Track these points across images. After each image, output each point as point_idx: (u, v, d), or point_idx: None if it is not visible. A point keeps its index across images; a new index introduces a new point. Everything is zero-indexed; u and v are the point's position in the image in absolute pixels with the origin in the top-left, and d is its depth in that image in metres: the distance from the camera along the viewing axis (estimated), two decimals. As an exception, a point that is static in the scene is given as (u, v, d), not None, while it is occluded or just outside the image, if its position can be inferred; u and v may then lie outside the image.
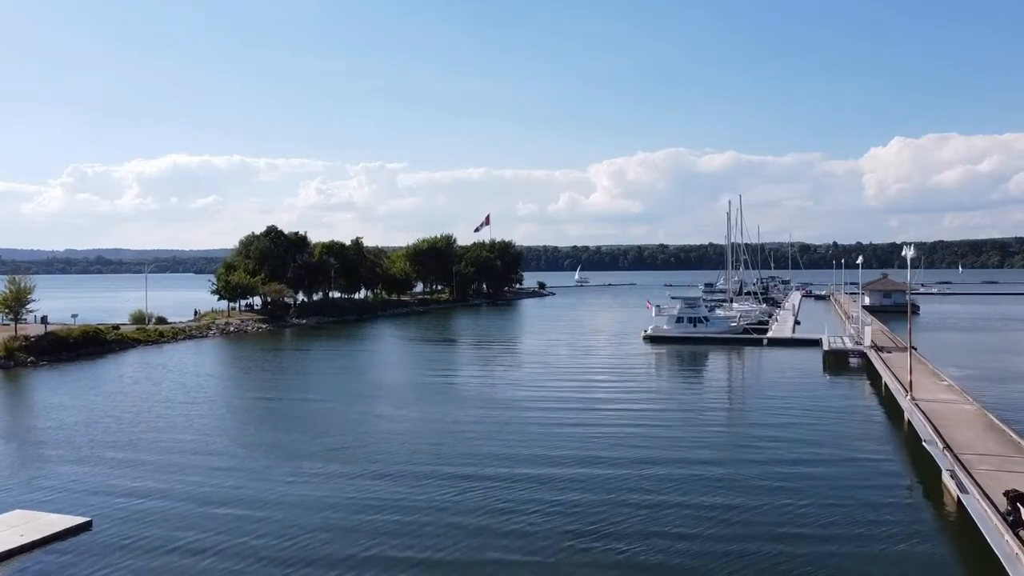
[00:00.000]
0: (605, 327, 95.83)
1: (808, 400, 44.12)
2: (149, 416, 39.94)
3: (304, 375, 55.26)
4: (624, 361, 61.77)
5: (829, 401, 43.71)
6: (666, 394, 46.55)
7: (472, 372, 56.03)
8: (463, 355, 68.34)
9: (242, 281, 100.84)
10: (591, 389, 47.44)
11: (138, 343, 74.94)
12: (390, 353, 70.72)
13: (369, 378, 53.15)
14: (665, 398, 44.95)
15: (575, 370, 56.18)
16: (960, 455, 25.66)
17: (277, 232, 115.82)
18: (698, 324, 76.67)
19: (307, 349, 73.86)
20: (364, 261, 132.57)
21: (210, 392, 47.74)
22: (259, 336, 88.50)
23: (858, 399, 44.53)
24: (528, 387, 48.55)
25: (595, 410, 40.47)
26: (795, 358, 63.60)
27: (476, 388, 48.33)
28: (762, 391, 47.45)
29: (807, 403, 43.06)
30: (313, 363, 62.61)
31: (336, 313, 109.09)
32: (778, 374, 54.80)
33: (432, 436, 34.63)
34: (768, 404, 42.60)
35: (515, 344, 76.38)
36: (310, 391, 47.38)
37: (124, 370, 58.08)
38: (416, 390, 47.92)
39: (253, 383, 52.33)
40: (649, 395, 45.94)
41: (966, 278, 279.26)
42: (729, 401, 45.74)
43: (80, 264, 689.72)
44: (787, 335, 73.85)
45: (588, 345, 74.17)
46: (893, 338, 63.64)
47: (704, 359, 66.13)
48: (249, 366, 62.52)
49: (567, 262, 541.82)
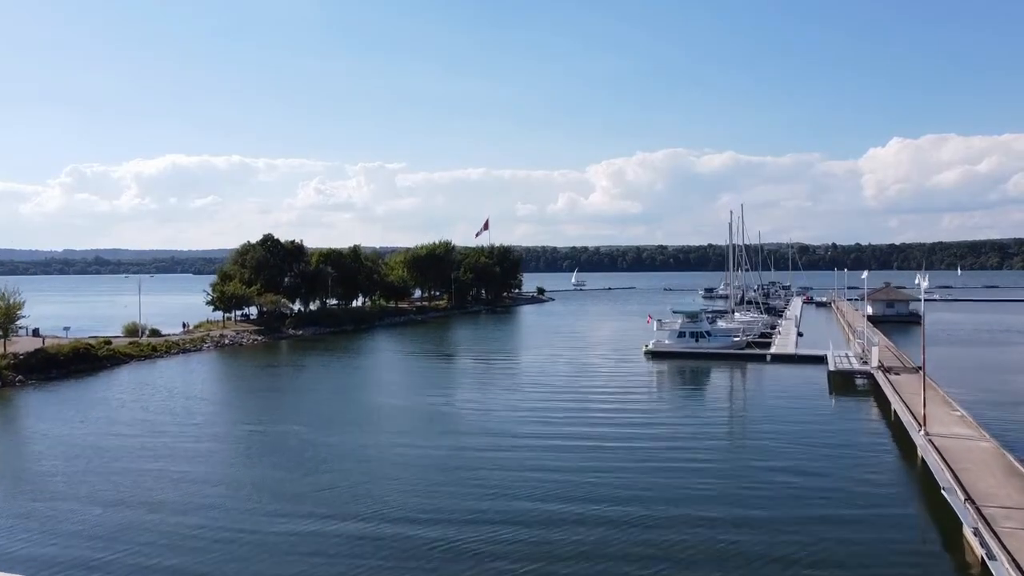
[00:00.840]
0: (605, 340, 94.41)
1: (813, 427, 42.88)
2: (131, 448, 38.38)
3: (297, 398, 53.88)
4: (625, 382, 60.13)
5: (836, 429, 42.42)
6: (667, 424, 45.03)
7: (469, 395, 54.35)
8: (460, 375, 66.88)
9: (238, 291, 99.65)
10: (591, 420, 45.57)
11: (131, 358, 73.55)
12: (385, 372, 69.25)
13: (363, 403, 51.54)
14: (666, 429, 43.38)
15: (575, 394, 54.47)
16: (983, 507, 24.38)
17: (273, 241, 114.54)
18: (700, 339, 75.37)
19: (302, 366, 72.44)
20: (362, 269, 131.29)
21: (198, 419, 46.28)
22: (254, 349, 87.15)
23: (866, 427, 43.21)
24: (526, 414, 46.98)
25: (594, 449, 38.42)
26: (799, 377, 62.35)
27: (473, 415, 46.84)
28: (766, 416, 46.04)
29: (812, 431, 41.83)
30: (307, 383, 61.25)
31: (333, 323, 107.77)
32: (782, 396, 53.50)
33: (425, 476, 33.18)
34: (772, 432, 41.27)
35: (513, 361, 74.80)
36: (301, 418, 45.87)
37: (113, 391, 56.66)
38: (410, 417, 46.44)
39: (243, 409, 50.79)
40: (649, 426, 44.32)
41: (965, 280, 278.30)
42: (730, 429, 44.31)
43: (78, 265, 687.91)
44: (791, 351, 72.52)
45: (588, 363, 72.50)
46: (900, 356, 62.34)
47: (706, 377, 64.92)
48: (241, 387, 61.16)
49: (566, 263, 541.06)
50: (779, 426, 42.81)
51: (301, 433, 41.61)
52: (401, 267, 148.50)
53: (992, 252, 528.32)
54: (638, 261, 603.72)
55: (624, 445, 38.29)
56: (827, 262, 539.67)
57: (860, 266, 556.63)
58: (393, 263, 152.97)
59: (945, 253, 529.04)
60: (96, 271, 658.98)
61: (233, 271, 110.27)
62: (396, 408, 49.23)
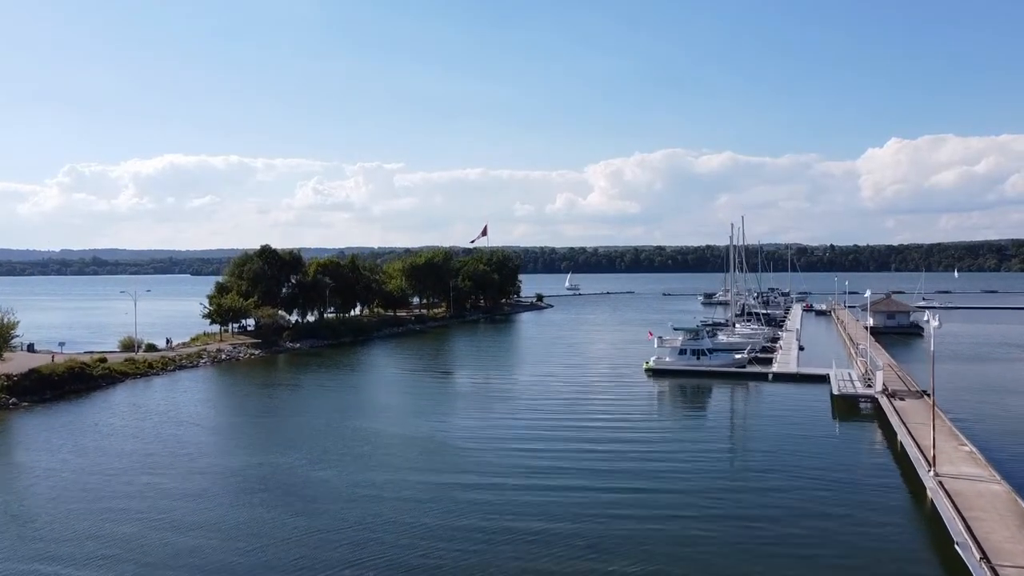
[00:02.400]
0: (604, 355, 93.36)
1: (816, 457, 42.38)
2: (118, 487, 37.27)
3: (290, 424, 52.84)
4: (626, 405, 59.05)
5: (839, 462, 41.72)
6: (667, 450, 44.44)
7: (465, 421, 53.21)
8: (456, 397, 65.41)
9: (234, 304, 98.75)
10: (591, 453, 44.66)
11: (126, 377, 72.71)
12: (381, 393, 68.07)
13: (357, 431, 50.16)
14: (666, 455, 42.81)
15: (575, 421, 53.43)
16: (999, 567, 23.72)
17: (271, 252, 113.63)
18: (702, 357, 74.67)
19: (297, 385, 71.43)
20: (360, 278, 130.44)
21: (189, 449, 45.23)
22: (251, 365, 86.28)
23: (872, 460, 42.43)
24: (524, 442, 46.23)
25: (592, 485, 37.92)
26: (801, 397, 61.71)
27: (470, 446, 45.91)
28: (767, 446, 45.25)
29: (815, 461, 41.38)
30: (302, 406, 60.31)
31: (331, 335, 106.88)
32: (784, 421, 52.80)
33: (418, 520, 32.32)
34: (773, 466, 40.62)
35: (511, 381, 73.60)
36: (294, 449, 44.92)
37: (106, 415, 55.67)
38: (405, 448, 45.42)
39: (235, 438, 49.20)
40: (650, 453, 43.64)
41: (964, 282, 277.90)
42: (730, 463, 43.26)
43: (76, 265, 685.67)
44: (792, 369, 71.82)
45: (588, 382, 71.41)
46: (905, 378, 61.63)
47: (707, 398, 64.32)
48: (234, 410, 59.91)
49: (564, 264, 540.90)
50: (780, 458, 42.08)
51: (293, 468, 40.70)
52: (399, 276, 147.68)
53: (990, 254, 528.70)
54: (636, 262, 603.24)
55: (621, 490, 36.98)
56: (825, 263, 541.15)
57: (858, 267, 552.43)
58: (391, 271, 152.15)
59: (943, 255, 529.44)
60: (94, 271, 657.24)
61: (230, 283, 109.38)
62: (391, 437, 48.11)
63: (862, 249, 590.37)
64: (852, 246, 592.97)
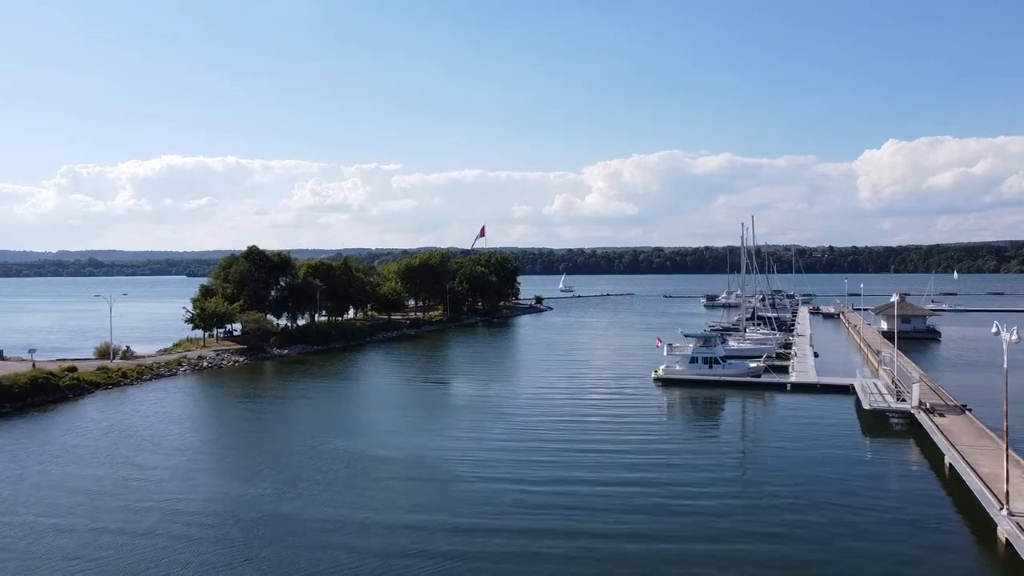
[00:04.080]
0: (609, 362, 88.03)
1: (852, 482, 37.84)
2: (68, 529, 32.28)
3: (269, 446, 47.78)
4: (634, 422, 53.72)
5: (878, 485, 37.56)
6: (679, 473, 39.82)
7: (457, 439, 48.20)
8: (451, 411, 59.82)
9: (219, 308, 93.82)
10: (596, 479, 40.12)
11: (97, 387, 67.72)
12: (371, 407, 62.83)
13: (341, 453, 45.10)
14: (678, 482, 38.10)
15: (578, 439, 48.74)
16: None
17: (258, 253, 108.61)
18: (714, 365, 69.84)
19: (282, 397, 66.14)
20: (353, 281, 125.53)
21: (143, 477, 40.07)
22: (234, 373, 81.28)
23: (919, 488, 37.60)
24: (521, 470, 41.04)
25: (601, 529, 33.26)
26: (824, 411, 57.12)
27: (459, 471, 40.97)
28: (793, 472, 40.44)
29: (850, 486, 36.92)
30: (284, 423, 55.18)
31: (321, 340, 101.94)
32: (809, 439, 48.06)
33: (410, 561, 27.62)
34: (801, 493, 36.08)
35: (510, 391, 68.45)
36: (270, 477, 40.01)
37: (60, 434, 50.38)
38: (388, 473, 40.43)
39: (206, 464, 43.40)
40: (661, 477, 38.95)
41: (965, 284, 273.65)
42: (756, 480, 38.35)
43: (72, 267, 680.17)
44: (812, 379, 66.99)
45: (592, 393, 66.33)
46: (937, 389, 56.89)
47: (722, 411, 59.72)
48: (205, 425, 54.75)
49: (562, 265, 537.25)
50: (809, 486, 37.28)
51: (257, 500, 35.66)
52: (395, 278, 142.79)
53: (989, 255, 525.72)
54: (635, 263, 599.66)
55: (630, 521, 32.59)
56: (824, 265, 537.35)
57: (857, 268, 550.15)
58: (386, 273, 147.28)
59: (942, 256, 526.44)
60: (90, 273, 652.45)
61: (216, 286, 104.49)
62: (373, 461, 42.85)
63: (861, 250, 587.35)
64: (851, 247, 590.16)
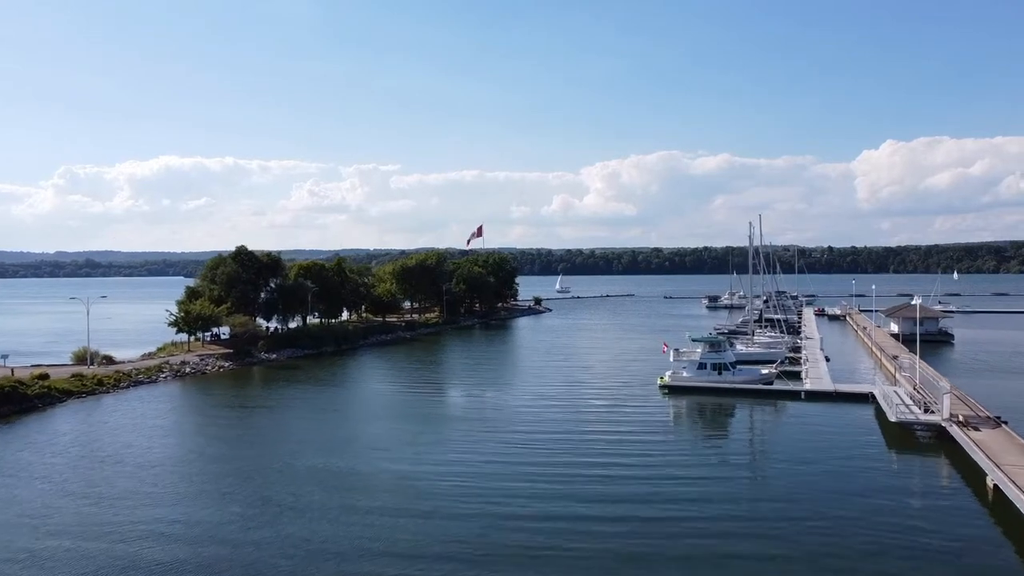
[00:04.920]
0: (611, 368, 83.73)
1: (881, 502, 34.37)
2: (15, 565, 28.66)
3: (240, 456, 44.12)
4: (639, 438, 49.17)
5: (911, 509, 34.06)
6: (689, 489, 36.12)
7: (448, 456, 44.18)
8: (442, 421, 55.80)
9: (204, 311, 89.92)
10: (600, 505, 36.49)
11: (70, 396, 63.86)
12: (355, 416, 58.88)
13: (316, 469, 41.46)
14: (688, 498, 34.38)
15: (580, 455, 44.89)
16: None
17: (247, 254, 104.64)
18: (724, 372, 66.07)
19: (266, 407, 62.00)
20: (346, 282, 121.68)
21: (98, 497, 36.27)
22: (219, 379, 77.43)
23: (955, 507, 34.17)
24: (518, 500, 37.00)
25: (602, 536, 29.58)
26: (843, 421, 53.63)
27: (448, 495, 37.20)
28: (814, 485, 37.16)
29: (881, 508, 33.51)
30: (265, 436, 51.31)
31: (311, 345, 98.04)
32: (829, 452, 44.53)
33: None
34: (826, 514, 32.53)
35: (505, 401, 64.28)
36: (230, 497, 36.37)
37: (28, 450, 46.41)
38: (369, 496, 36.54)
39: (162, 481, 39.55)
40: (668, 495, 35.20)
41: (965, 283, 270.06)
42: (778, 498, 34.48)
43: (68, 267, 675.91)
44: (828, 387, 63.22)
45: (594, 402, 62.11)
46: (966, 399, 53.08)
47: (732, 418, 56.46)
48: (177, 438, 50.47)
49: (561, 266, 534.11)
50: (836, 509, 33.55)
51: (221, 528, 31.95)
52: (390, 279, 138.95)
53: (989, 255, 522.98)
54: (633, 264, 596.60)
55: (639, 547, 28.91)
56: (824, 265, 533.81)
57: (856, 269, 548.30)
58: (381, 274, 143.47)
59: (941, 256, 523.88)
60: (87, 274, 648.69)
61: (202, 287, 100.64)
62: (353, 481, 38.97)
63: (860, 251, 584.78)
64: (850, 247, 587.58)
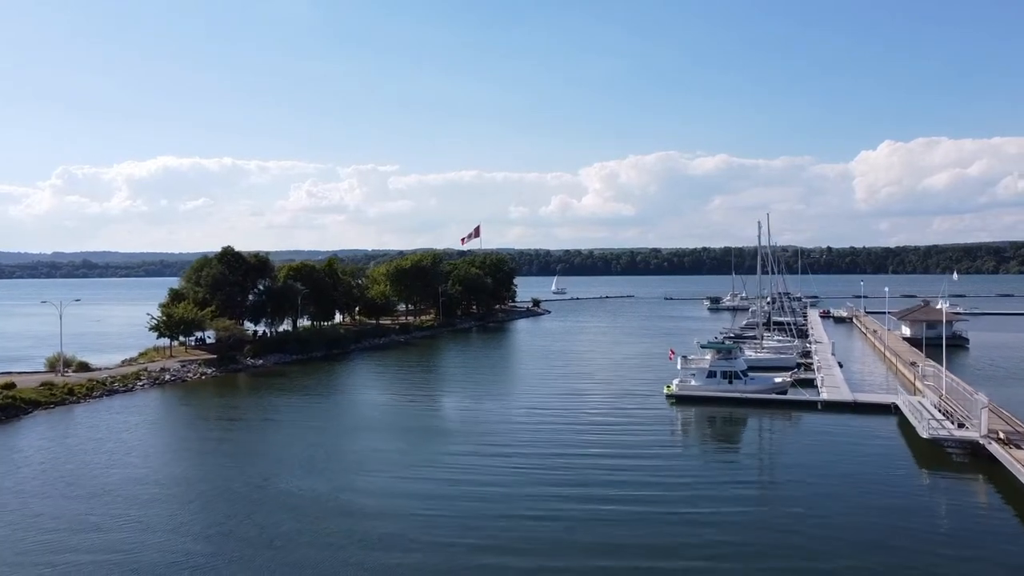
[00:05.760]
0: (614, 375, 79.42)
1: (917, 529, 30.57)
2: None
3: (204, 479, 39.94)
4: (645, 453, 45.46)
5: (955, 538, 30.02)
6: (701, 509, 31.97)
7: (441, 476, 40.36)
8: (433, 436, 51.73)
9: (187, 315, 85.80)
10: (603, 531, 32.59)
11: (37, 406, 59.74)
12: (338, 429, 54.64)
13: (286, 495, 37.45)
14: (701, 522, 30.26)
15: (582, 475, 41.06)
16: None
17: (234, 255, 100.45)
18: (735, 380, 62.11)
19: (238, 419, 57.83)
20: (338, 284, 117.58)
21: (43, 535, 32.11)
22: (200, 387, 73.29)
23: (1006, 534, 30.31)
24: (513, 533, 33.37)
25: None
26: (865, 434, 49.95)
27: (439, 530, 33.36)
28: (843, 511, 33.27)
29: (917, 535, 30.03)
30: (230, 450, 47.32)
31: (300, 349, 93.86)
32: (854, 471, 40.84)
33: None
34: (862, 551, 28.47)
35: (501, 413, 60.31)
36: (183, 529, 32.38)
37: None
38: (344, 534, 32.69)
39: (107, 511, 35.57)
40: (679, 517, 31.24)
41: (966, 284, 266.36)
42: (806, 526, 30.31)
43: (65, 268, 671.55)
44: (847, 397, 59.32)
45: (596, 413, 57.97)
46: (999, 411, 49.15)
47: (745, 431, 53.29)
48: (137, 457, 45.54)
49: (559, 267, 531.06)
50: (872, 537, 29.59)
51: (176, 571, 27.87)
52: (384, 280, 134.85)
53: (988, 256, 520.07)
54: (632, 264, 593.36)
55: None
56: (823, 266, 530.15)
57: (855, 269, 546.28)
58: (376, 275, 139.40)
59: (940, 257, 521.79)
60: (83, 275, 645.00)
61: (187, 290, 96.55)
62: (332, 509, 34.95)
63: (859, 251, 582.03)
64: (849, 248, 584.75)
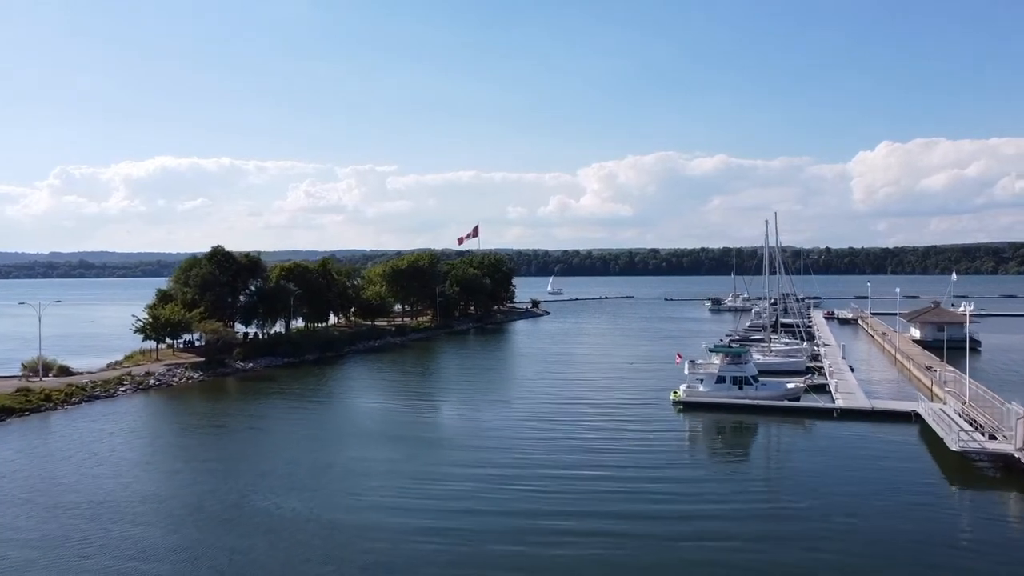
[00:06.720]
0: (616, 379, 76.27)
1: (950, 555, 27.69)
2: None
3: (177, 493, 36.93)
4: (651, 472, 42.26)
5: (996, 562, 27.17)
6: (715, 526, 29.01)
7: (433, 490, 37.55)
8: (425, 447, 48.88)
9: (174, 316, 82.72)
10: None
11: (11, 414, 56.73)
12: (325, 440, 51.80)
13: (264, 514, 34.68)
14: (713, 535, 27.34)
15: (583, 492, 38.25)
16: None
17: (224, 254, 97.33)
18: (745, 386, 59.19)
19: (222, 426, 54.86)
20: (333, 285, 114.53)
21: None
22: (185, 392, 70.20)
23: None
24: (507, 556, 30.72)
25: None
26: (886, 445, 47.20)
27: (428, 560, 30.53)
28: (869, 531, 30.00)
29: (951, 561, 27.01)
30: (209, 462, 44.34)
31: (292, 352, 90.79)
32: (877, 485, 38.20)
33: None
34: None
35: (499, 421, 57.29)
36: (147, 554, 29.52)
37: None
38: (334, 550, 29.86)
39: (85, 533, 32.67)
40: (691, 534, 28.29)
41: (967, 285, 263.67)
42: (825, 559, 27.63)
43: (62, 268, 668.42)
44: (864, 404, 56.46)
45: (599, 420, 55.18)
46: None
47: (756, 439, 50.85)
48: (119, 470, 42.49)
49: (558, 267, 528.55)
50: (901, 559, 26.83)
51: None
52: (380, 281, 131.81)
53: (987, 256, 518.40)
54: (631, 265, 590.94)
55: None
56: (821, 266, 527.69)
57: (854, 270, 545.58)
58: (371, 276, 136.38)
59: (939, 257, 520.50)
60: (80, 275, 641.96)
61: (175, 290, 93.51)
62: (313, 531, 32.17)
63: (858, 252, 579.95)
64: (848, 248, 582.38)
